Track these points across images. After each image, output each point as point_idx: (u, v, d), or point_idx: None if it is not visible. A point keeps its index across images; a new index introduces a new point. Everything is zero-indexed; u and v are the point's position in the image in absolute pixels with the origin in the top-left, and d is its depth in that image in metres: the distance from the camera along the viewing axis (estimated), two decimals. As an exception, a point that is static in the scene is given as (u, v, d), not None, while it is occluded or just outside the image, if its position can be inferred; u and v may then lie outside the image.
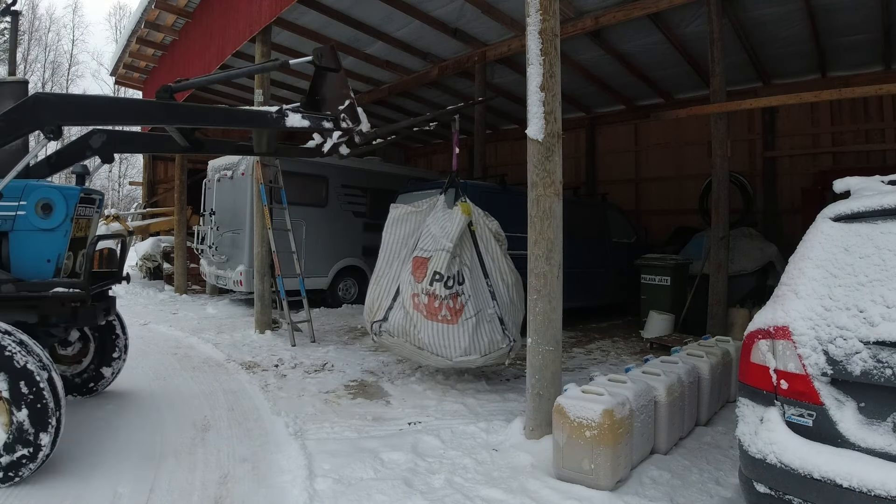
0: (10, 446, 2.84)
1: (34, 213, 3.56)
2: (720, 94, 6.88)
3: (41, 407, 2.87)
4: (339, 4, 7.93)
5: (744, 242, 8.22)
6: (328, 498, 2.82)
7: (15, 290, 3.38)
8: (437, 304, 4.53)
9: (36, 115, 3.16)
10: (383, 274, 5.03)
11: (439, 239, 4.68)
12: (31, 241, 3.57)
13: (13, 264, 3.56)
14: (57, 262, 3.65)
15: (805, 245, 2.24)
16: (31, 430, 2.85)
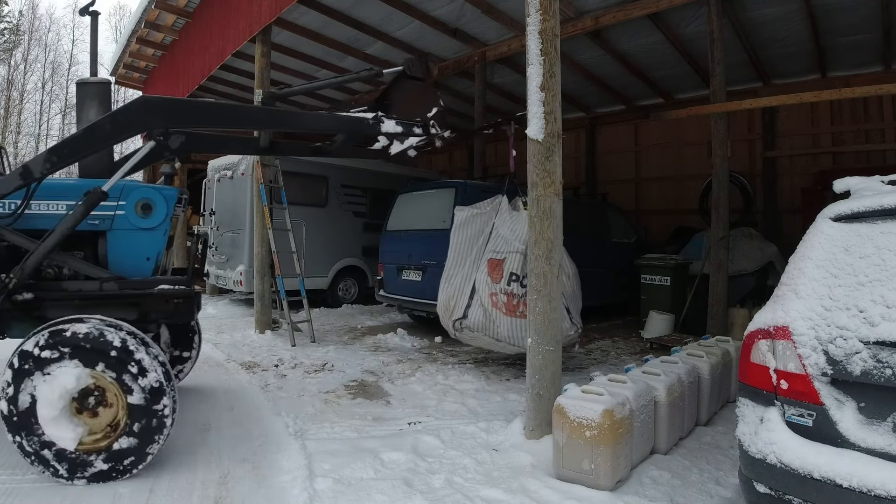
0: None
1: (133, 213, 3.64)
2: (720, 94, 6.88)
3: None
4: (339, 4, 7.93)
5: (744, 242, 8.21)
6: (328, 498, 2.82)
7: (118, 288, 3.44)
8: (516, 302, 5.00)
9: (142, 118, 3.26)
10: (454, 273, 5.37)
11: (511, 241, 5.11)
12: (129, 240, 3.64)
13: (111, 262, 3.63)
14: (156, 261, 3.74)
15: (805, 245, 2.24)
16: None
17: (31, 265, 3.24)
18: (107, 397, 3.00)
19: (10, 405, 2.86)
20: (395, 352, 6.49)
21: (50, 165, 3.21)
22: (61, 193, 3.54)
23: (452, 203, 7.18)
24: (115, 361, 2.93)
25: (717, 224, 6.93)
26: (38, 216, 3.47)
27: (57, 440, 2.88)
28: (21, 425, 2.87)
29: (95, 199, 3.31)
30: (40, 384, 2.88)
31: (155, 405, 2.96)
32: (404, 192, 8.25)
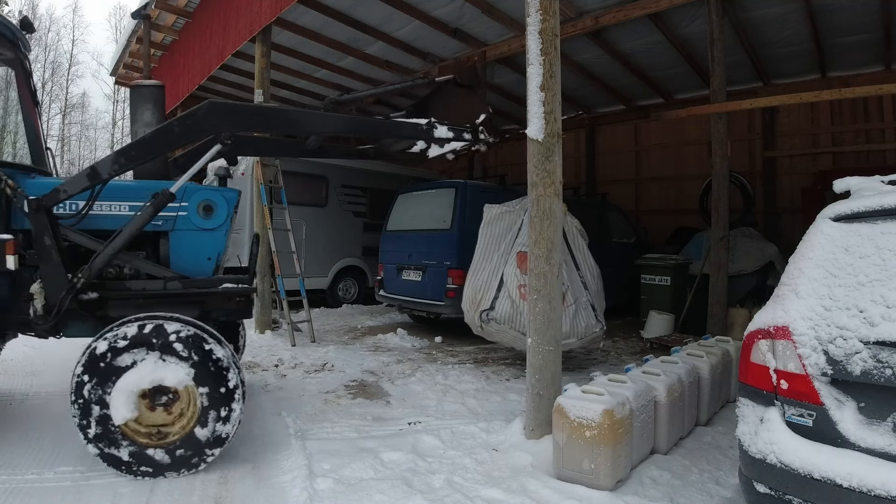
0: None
1: (195, 214, 3.71)
2: (720, 94, 6.88)
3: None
4: (339, 4, 7.93)
5: (744, 242, 8.22)
6: (328, 498, 2.82)
7: (182, 287, 3.51)
8: None
9: (209, 122, 3.39)
10: (482, 268, 5.53)
11: None
12: (191, 240, 3.72)
13: (173, 262, 3.70)
14: (217, 260, 3.80)
15: (805, 245, 2.24)
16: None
17: (99, 265, 3.31)
18: (179, 394, 3.11)
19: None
20: (395, 352, 6.49)
21: (118, 167, 3.31)
22: (123, 194, 3.62)
23: (453, 203, 7.19)
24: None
25: (717, 224, 6.93)
26: (99, 216, 3.53)
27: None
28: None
29: (163, 201, 3.38)
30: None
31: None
32: (404, 192, 8.26)
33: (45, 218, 3.24)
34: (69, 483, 2.95)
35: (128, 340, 3.00)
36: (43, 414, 4.05)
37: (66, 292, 3.23)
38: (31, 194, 3.23)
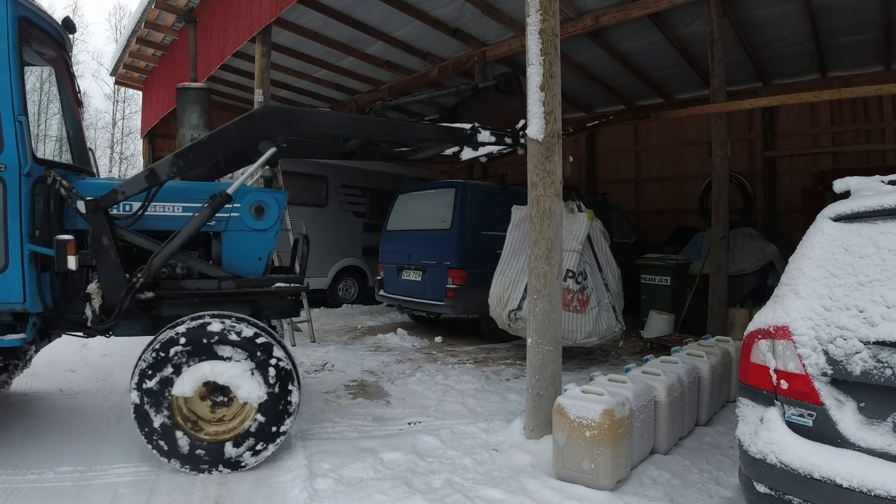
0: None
1: (247, 215, 3.78)
2: (720, 94, 6.87)
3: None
4: (339, 4, 7.93)
5: (744, 242, 8.21)
6: (328, 498, 2.82)
7: (235, 287, 3.58)
8: (570, 297, 5.42)
9: (264, 125, 3.51)
10: (509, 266, 5.75)
11: (568, 241, 5.49)
12: (243, 241, 3.80)
13: (225, 261, 3.77)
14: (267, 260, 3.88)
15: (805, 245, 2.24)
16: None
17: (157, 264, 3.36)
18: (234, 404, 3.23)
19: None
20: (395, 352, 6.49)
21: (176, 169, 3.40)
22: (176, 195, 3.67)
23: (453, 203, 7.19)
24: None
25: (717, 224, 6.93)
26: (152, 217, 3.58)
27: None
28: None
29: (221, 202, 3.45)
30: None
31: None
32: (404, 192, 8.26)
33: (103, 218, 3.30)
34: (69, 483, 2.95)
35: (222, 335, 3.14)
36: (43, 414, 4.05)
37: (126, 292, 3.28)
38: (85, 195, 3.29)
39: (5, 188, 3.11)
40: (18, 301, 3.16)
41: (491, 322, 7.32)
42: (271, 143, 3.56)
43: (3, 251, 3.12)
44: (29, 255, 3.15)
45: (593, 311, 5.53)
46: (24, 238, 3.14)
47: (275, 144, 3.57)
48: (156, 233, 3.56)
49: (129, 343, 4.64)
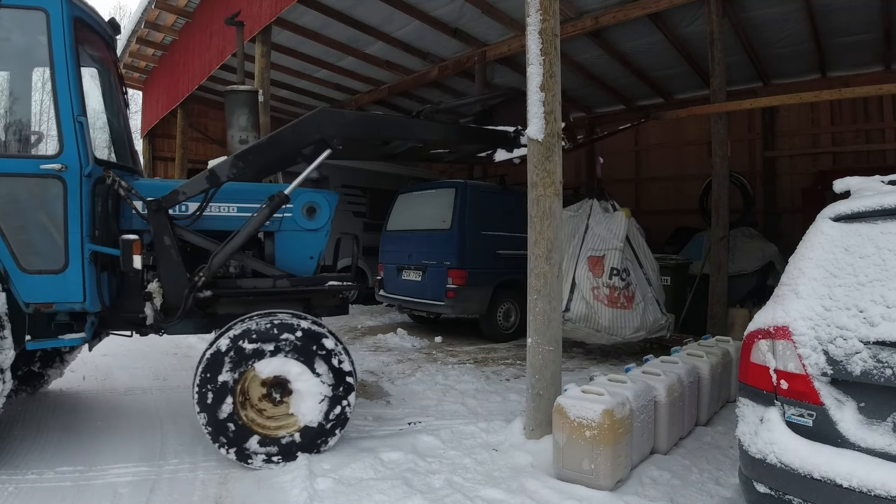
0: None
1: (300, 215, 3.86)
2: (720, 94, 6.87)
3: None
4: (339, 4, 7.93)
5: (744, 242, 8.21)
6: (328, 498, 2.82)
7: (290, 285, 3.66)
8: (617, 294, 5.59)
9: (321, 128, 3.58)
10: None
11: (609, 239, 5.69)
12: (295, 241, 3.88)
13: (278, 260, 3.85)
14: (318, 259, 3.96)
15: (805, 245, 2.24)
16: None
17: (217, 264, 3.42)
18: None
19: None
20: (395, 352, 6.49)
21: (236, 171, 3.47)
22: (231, 196, 3.73)
23: (453, 203, 7.19)
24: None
25: (717, 224, 6.93)
26: (208, 217, 3.65)
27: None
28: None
29: (279, 203, 3.51)
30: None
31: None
32: (404, 192, 8.26)
33: (164, 219, 3.36)
34: (69, 483, 2.95)
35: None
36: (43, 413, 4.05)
37: (189, 290, 3.34)
38: (142, 195, 3.36)
39: (66, 189, 3.15)
40: (78, 300, 3.21)
41: (491, 322, 7.36)
42: (326, 145, 3.65)
43: (64, 251, 3.16)
44: (89, 254, 3.19)
45: (640, 306, 5.67)
46: (84, 238, 3.18)
47: (330, 147, 3.65)
48: (211, 232, 3.63)
49: (128, 343, 4.64)
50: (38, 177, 3.12)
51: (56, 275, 3.16)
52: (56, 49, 3.17)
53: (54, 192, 3.14)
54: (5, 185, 3.09)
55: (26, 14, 3.19)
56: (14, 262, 3.09)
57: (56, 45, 3.17)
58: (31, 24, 3.24)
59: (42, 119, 3.67)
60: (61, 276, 3.16)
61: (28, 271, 3.12)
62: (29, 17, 3.20)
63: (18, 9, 3.17)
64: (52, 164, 3.12)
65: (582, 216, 5.98)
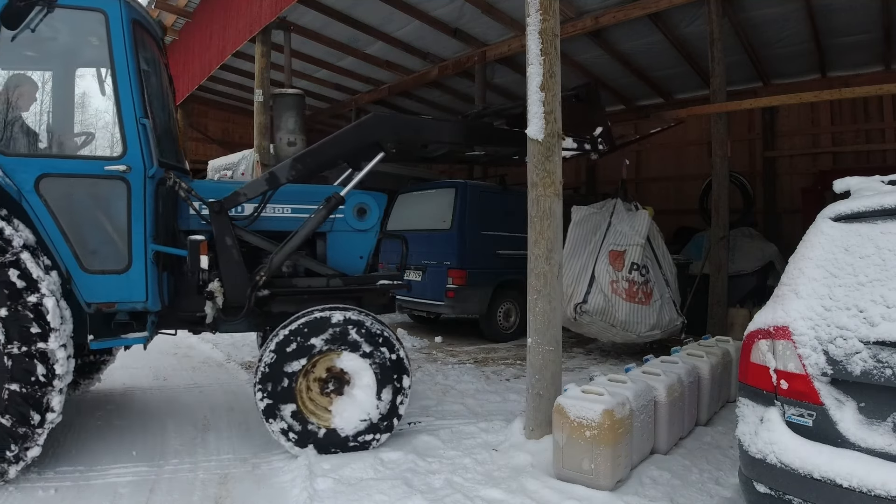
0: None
1: (351, 216, 3.96)
2: (720, 94, 6.88)
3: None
4: (339, 4, 7.93)
5: (744, 242, 8.21)
6: (328, 498, 2.82)
7: (342, 284, 3.77)
8: (636, 289, 5.70)
9: (376, 131, 3.73)
10: (571, 263, 5.93)
11: (631, 235, 5.84)
12: (346, 241, 3.99)
13: (329, 260, 3.95)
14: (368, 259, 4.07)
15: (805, 245, 2.24)
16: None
17: (277, 263, 3.51)
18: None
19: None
20: (395, 352, 6.48)
21: (295, 173, 3.58)
22: (286, 197, 3.80)
23: (453, 203, 7.19)
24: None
25: (717, 224, 6.93)
26: (264, 218, 3.74)
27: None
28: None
29: (336, 204, 3.66)
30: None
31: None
32: (404, 192, 8.25)
33: (226, 220, 3.44)
34: (69, 483, 2.95)
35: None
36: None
37: (251, 289, 3.42)
38: (203, 197, 3.43)
39: (130, 190, 3.19)
40: (141, 300, 3.25)
41: (491, 322, 7.36)
42: (381, 148, 3.78)
43: (127, 251, 3.20)
44: (152, 254, 3.24)
45: (657, 304, 5.78)
46: (147, 238, 3.22)
47: (384, 150, 3.80)
48: (266, 233, 3.71)
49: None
50: (101, 178, 3.17)
51: (119, 275, 3.20)
52: (116, 51, 3.20)
53: (118, 193, 3.19)
54: (68, 186, 3.14)
55: (83, 14, 3.22)
56: (76, 263, 3.13)
57: (116, 47, 3.20)
58: (88, 24, 3.28)
59: (101, 120, 3.74)
60: (124, 276, 3.21)
61: (90, 271, 3.16)
62: (86, 18, 3.24)
63: (75, 9, 3.18)
64: (116, 166, 3.16)
65: (605, 213, 6.10)
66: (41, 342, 2.78)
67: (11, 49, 3.19)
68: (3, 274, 2.73)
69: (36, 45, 3.41)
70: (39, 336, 2.78)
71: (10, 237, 2.81)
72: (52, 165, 3.14)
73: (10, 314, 2.74)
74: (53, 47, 3.52)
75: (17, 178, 3.01)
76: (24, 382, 2.75)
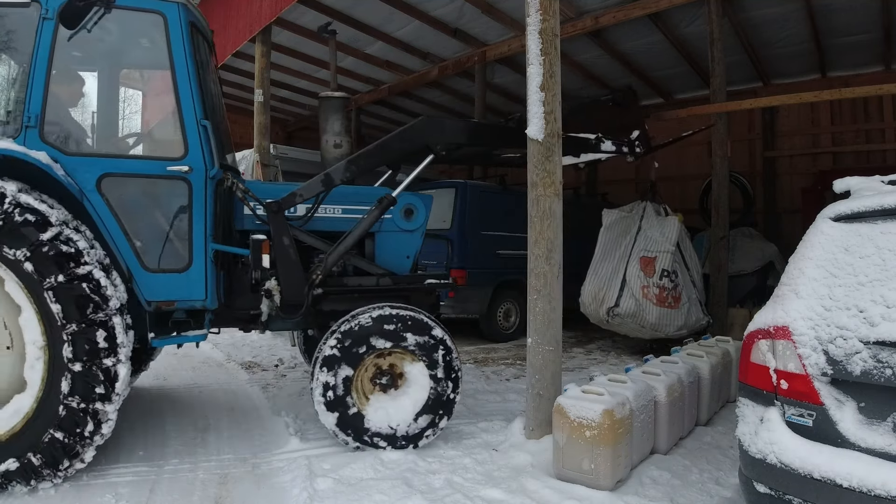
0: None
1: (399, 217, 4.03)
2: (720, 94, 6.87)
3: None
4: (339, 4, 7.92)
5: (744, 242, 8.21)
6: (328, 498, 2.82)
7: (392, 283, 3.86)
8: (665, 294, 5.93)
9: (425, 134, 3.83)
10: (602, 266, 6.19)
11: (662, 242, 6.03)
12: (394, 241, 4.07)
13: (377, 259, 4.04)
14: (414, 259, 4.16)
15: (805, 245, 2.24)
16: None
17: (332, 263, 3.60)
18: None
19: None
20: (395, 352, 6.48)
21: (349, 174, 3.67)
22: (337, 198, 3.87)
23: (453, 203, 7.20)
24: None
25: (717, 224, 6.93)
26: (316, 218, 3.81)
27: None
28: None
29: (388, 205, 3.74)
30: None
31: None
32: (404, 192, 8.25)
33: (284, 220, 3.51)
34: (69, 483, 2.95)
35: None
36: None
37: (308, 288, 3.50)
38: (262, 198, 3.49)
39: (191, 190, 3.23)
40: (200, 298, 3.30)
41: (491, 322, 7.36)
42: (430, 150, 3.85)
43: (188, 251, 3.26)
44: (211, 253, 3.29)
45: (685, 307, 6.00)
46: (207, 238, 3.27)
47: (433, 152, 3.88)
48: (318, 233, 3.79)
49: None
50: (163, 178, 3.22)
51: (179, 273, 3.26)
52: (176, 53, 3.24)
53: (179, 193, 3.24)
54: (130, 185, 3.19)
55: (142, 16, 3.25)
56: (138, 262, 3.18)
57: (176, 49, 3.24)
58: (146, 26, 3.32)
59: (161, 121, 3.75)
60: (184, 275, 3.26)
61: (151, 270, 3.21)
62: (145, 20, 3.27)
63: (133, 10, 3.21)
64: (179, 167, 3.20)
65: (634, 217, 6.26)
66: (107, 359, 2.80)
67: (72, 49, 3.23)
68: (78, 289, 2.75)
69: (96, 46, 3.46)
70: (105, 352, 2.80)
71: (83, 250, 2.83)
72: (114, 165, 3.18)
73: (79, 330, 2.74)
74: (113, 48, 3.58)
75: (79, 178, 3.05)
76: (84, 398, 2.76)
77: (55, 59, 3.07)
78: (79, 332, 2.74)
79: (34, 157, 2.85)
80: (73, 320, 2.73)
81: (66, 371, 2.73)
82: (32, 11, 3.06)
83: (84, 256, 2.80)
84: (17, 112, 3.06)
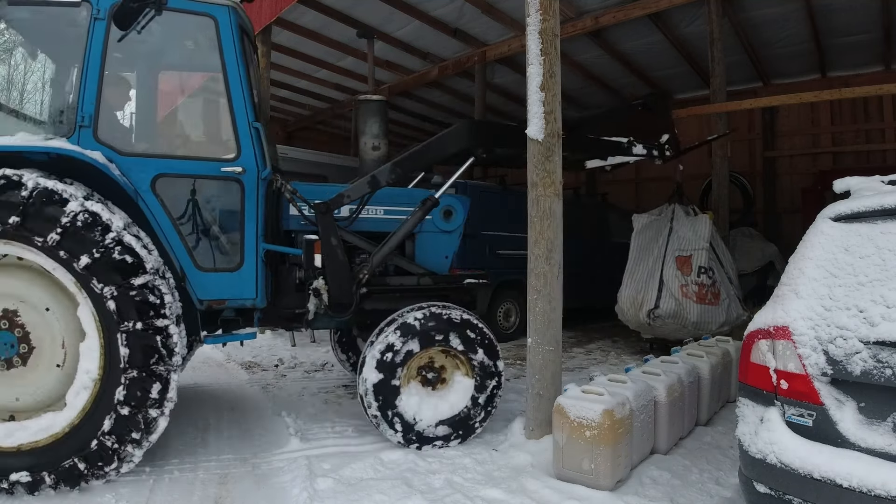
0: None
1: (439, 217, 4.11)
2: (720, 94, 6.88)
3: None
4: (339, 4, 7.92)
5: (744, 242, 8.22)
6: (328, 498, 2.82)
7: (432, 282, 3.96)
8: (705, 292, 5.97)
9: (467, 138, 3.88)
10: (637, 270, 6.28)
11: (695, 240, 6.10)
12: (433, 241, 4.16)
13: (417, 259, 4.11)
14: (452, 259, 4.24)
15: (805, 245, 2.24)
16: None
17: (377, 262, 3.68)
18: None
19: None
20: (395, 352, 6.48)
21: (395, 176, 3.74)
22: (380, 200, 3.92)
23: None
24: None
25: (717, 224, 6.92)
26: (360, 219, 3.86)
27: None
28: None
29: (431, 206, 3.82)
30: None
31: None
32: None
33: (332, 220, 3.57)
34: (69, 483, 2.94)
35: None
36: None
37: (356, 287, 3.57)
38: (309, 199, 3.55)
39: (243, 191, 3.28)
40: (251, 297, 3.36)
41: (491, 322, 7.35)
42: (471, 153, 3.93)
43: (240, 250, 3.31)
44: (262, 253, 3.34)
45: (725, 303, 6.06)
46: (259, 237, 3.33)
47: (474, 155, 3.97)
48: (362, 234, 3.85)
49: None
50: (216, 179, 3.27)
51: (231, 273, 3.32)
52: (228, 56, 3.27)
53: (232, 193, 3.29)
54: (183, 186, 3.23)
55: (193, 19, 3.29)
56: (191, 261, 3.23)
57: (227, 52, 3.27)
58: (198, 29, 3.35)
59: (214, 122, 3.77)
60: (236, 274, 3.32)
61: (204, 269, 3.26)
62: (196, 23, 3.31)
63: (184, 13, 3.23)
64: (233, 167, 3.24)
65: (664, 219, 6.33)
66: (152, 409, 2.82)
67: (123, 49, 3.25)
68: (151, 340, 2.77)
69: (147, 47, 3.48)
70: (154, 403, 2.81)
71: (168, 304, 2.85)
72: (169, 166, 3.21)
73: (138, 377, 2.76)
74: (164, 49, 3.61)
75: (134, 178, 3.08)
76: (119, 439, 2.77)
77: (107, 59, 3.09)
78: (138, 378, 2.76)
79: (91, 157, 2.86)
80: (136, 367, 2.74)
81: (114, 411, 2.74)
82: (83, 11, 3.08)
83: (165, 309, 2.83)
84: (70, 112, 3.08)
